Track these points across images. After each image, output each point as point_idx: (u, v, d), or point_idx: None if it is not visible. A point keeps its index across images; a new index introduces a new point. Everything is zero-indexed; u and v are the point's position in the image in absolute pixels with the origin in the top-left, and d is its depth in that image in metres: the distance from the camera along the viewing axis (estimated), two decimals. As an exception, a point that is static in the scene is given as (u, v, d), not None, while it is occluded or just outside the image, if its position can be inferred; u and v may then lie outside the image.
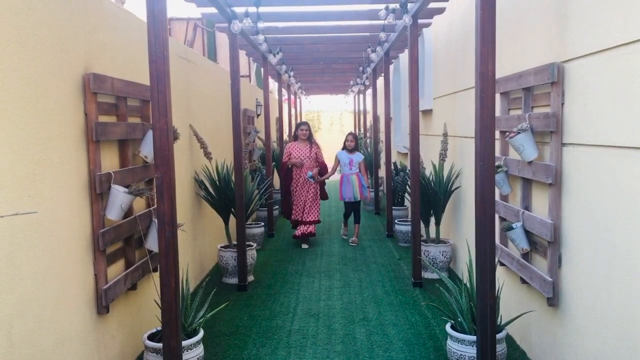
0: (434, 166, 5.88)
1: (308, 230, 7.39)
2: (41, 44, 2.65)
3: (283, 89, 11.93)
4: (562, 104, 3.10)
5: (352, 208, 7.62)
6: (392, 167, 8.42)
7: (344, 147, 7.64)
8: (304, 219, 7.43)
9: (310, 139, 7.61)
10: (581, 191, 2.93)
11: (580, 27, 2.90)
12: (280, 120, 11.98)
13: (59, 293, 2.76)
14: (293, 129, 11.13)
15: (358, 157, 7.58)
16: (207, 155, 5.58)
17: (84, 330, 3.04)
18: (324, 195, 7.67)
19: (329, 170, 7.64)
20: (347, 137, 7.73)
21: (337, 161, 7.65)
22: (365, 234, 8.23)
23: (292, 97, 14.53)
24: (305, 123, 7.75)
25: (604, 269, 2.70)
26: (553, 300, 3.20)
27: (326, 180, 7.72)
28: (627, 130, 2.47)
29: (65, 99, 2.89)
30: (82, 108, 3.07)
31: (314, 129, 26.74)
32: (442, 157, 5.77)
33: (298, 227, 7.50)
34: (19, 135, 2.44)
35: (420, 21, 5.87)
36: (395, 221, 7.59)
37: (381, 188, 11.13)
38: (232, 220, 5.94)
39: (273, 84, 14.31)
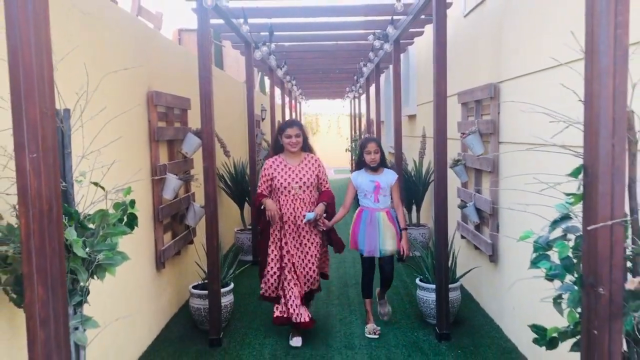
0: (415, 163, 7.02)
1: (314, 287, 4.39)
2: (124, 71, 3.77)
3: (285, 95, 13.06)
4: (499, 113, 4.23)
5: (374, 268, 4.44)
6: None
7: (361, 165, 4.32)
8: (290, 294, 4.10)
9: (306, 148, 4.25)
10: (509, 176, 4.06)
11: (508, 58, 4.04)
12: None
13: (135, 250, 3.88)
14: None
15: (389, 177, 4.27)
16: (227, 153, 6.70)
17: (148, 280, 4.15)
18: (337, 245, 4.41)
19: (343, 205, 4.33)
20: (366, 144, 4.24)
21: (354, 190, 4.33)
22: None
23: (293, 101, 15.68)
24: (294, 123, 4.24)
25: (522, 231, 3.81)
26: (493, 257, 4.33)
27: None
28: (533, 132, 3.59)
29: (137, 110, 4.01)
30: (147, 117, 4.19)
31: (312, 132, 23.62)
32: (421, 155, 6.90)
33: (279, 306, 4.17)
34: (114, 137, 3.56)
35: (403, 41, 7.00)
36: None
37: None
38: (246, 208, 7.05)
39: (276, 90, 15.39)
